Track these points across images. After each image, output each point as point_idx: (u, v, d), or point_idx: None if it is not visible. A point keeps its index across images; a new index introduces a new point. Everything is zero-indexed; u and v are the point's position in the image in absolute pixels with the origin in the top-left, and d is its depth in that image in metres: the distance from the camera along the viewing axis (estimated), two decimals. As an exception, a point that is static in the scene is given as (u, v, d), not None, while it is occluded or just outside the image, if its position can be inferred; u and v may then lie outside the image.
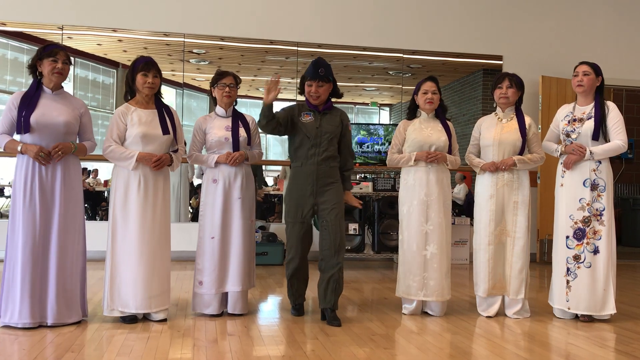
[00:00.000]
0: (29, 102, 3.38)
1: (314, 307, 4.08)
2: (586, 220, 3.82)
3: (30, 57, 3.50)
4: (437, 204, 3.89)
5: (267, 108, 3.66)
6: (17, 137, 3.45)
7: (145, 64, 3.61)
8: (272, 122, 3.70)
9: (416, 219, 3.90)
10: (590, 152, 3.80)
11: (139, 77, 3.60)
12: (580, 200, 3.85)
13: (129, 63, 3.70)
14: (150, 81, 3.61)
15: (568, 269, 3.86)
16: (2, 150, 3.43)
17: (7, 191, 7.90)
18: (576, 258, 3.83)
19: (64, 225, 3.45)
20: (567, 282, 3.85)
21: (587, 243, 3.81)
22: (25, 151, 3.36)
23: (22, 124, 3.35)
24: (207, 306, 3.77)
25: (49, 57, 3.43)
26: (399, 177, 4.16)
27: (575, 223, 3.85)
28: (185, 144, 3.90)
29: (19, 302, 3.31)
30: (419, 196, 3.90)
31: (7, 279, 3.38)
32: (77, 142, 3.56)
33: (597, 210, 3.82)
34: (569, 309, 3.85)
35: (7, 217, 7.51)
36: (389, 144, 4.12)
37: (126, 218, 3.53)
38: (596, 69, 3.91)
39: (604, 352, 3.18)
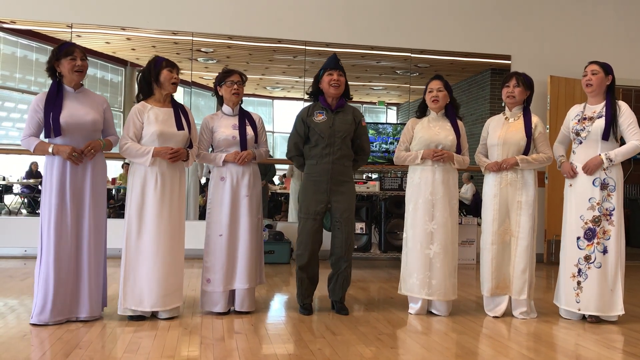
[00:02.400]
0: (53, 103, 3.40)
1: (320, 305, 4.08)
2: (596, 220, 3.80)
3: (47, 59, 3.51)
4: (442, 203, 3.88)
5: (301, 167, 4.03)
6: (46, 138, 3.47)
7: (170, 61, 3.67)
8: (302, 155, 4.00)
9: (421, 218, 3.89)
10: (610, 160, 3.74)
11: (165, 73, 3.62)
12: (590, 199, 3.82)
13: (137, 61, 3.73)
14: (177, 77, 3.65)
15: (579, 270, 3.83)
16: (32, 151, 3.43)
17: (16, 188, 7.95)
18: (587, 258, 3.81)
19: (94, 222, 3.50)
20: (579, 283, 3.82)
21: (598, 243, 3.79)
22: (57, 152, 3.39)
23: (51, 127, 3.37)
24: (215, 304, 3.78)
25: (67, 56, 3.45)
26: (407, 177, 4.14)
27: (586, 223, 3.82)
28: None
29: (51, 301, 3.36)
30: (424, 195, 3.90)
31: (41, 279, 3.40)
32: (102, 138, 3.62)
33: (607, 210, 3.79)
34: (579, 310, 3.82)
35: (15, 214, 7.57)
36: (397, 143, 4.13)
37: (143, 216, 3.55)
38: (606, 68, 3.87)
39: (611, 353, 3.16)
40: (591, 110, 3.90)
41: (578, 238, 3.85)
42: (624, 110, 3.81)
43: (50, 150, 3.39)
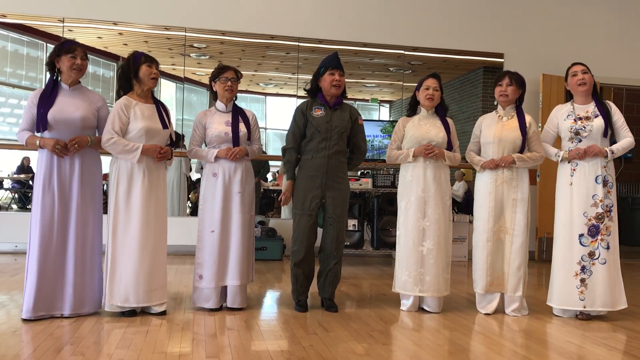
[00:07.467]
0: (47, 99, 3.43)
1: (313, 302, 4.08)
2: (600, 216, 3.82)
3: (49, 54, 3.54)
4: (435, 200, 3.90)
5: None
6: (37, 133, 3.50)
7: (148, 56, 3.65)
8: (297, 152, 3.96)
9: (413, 215, 3.90)
10: (612, 152, 3.83)
11: (144, 68, 3.60)
12: (593, 196, 3.84)
13: (130, 57, 3.70)
14: (156, 72, 3.63)
15: (583, 267, 3.82)
16: (24, 145, 3.48)
17: (7, 184, 7.90)
18: (591, 255, 3.82)
19: (82, 218, 3.49)
20: (582, 280, 3.81)
21: (602, 240, 3.81)
22: (43, 145, 3.42)
23: (40, 122, 3.40)
24: (206, 300, 3.78)
25: (68, 53, 3.47)
26: (399, 174, 4.14)
27: (589, 220, 3.83)
28: (182, 137, 3.90)
29: (33, 295, 3.35)
30: (416, 192, 3.91)
31: (28, 274, 3.41)
32: (97, 135, 3.60)
33: (607, 206, 3.83)
34: (584, 307, 3.80)
35: (5, 209, 7.53)
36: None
37: (129, 211, 3.53)
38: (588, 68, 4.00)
39: (602, 350, 3.18)
40: (584, 110, 3.93)
41: (581, 235, 3.84)
42: (615, 110, 3.95)
43: (37, 143, 3.42)
